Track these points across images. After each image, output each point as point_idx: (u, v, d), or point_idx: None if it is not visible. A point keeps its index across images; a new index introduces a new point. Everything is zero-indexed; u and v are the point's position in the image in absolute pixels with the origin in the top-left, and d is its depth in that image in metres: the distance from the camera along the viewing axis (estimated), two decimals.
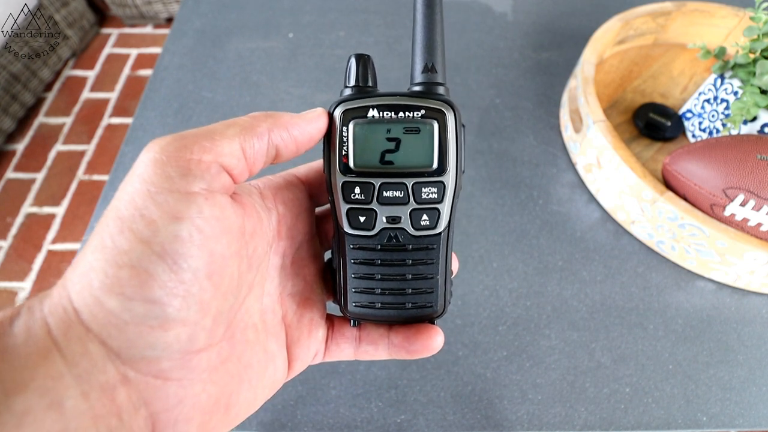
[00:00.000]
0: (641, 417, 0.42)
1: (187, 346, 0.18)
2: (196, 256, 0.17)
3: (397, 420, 0.42)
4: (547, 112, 0.62)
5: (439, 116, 0.22)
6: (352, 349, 0.25)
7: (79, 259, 0.17)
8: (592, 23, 0.64)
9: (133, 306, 0.16)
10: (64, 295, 0.17)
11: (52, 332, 0.16)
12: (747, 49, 0.49)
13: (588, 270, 0.50)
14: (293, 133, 0.21)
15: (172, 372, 0.17)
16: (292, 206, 0.24)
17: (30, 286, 1.27)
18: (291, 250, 0.25)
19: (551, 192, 0.55)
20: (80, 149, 1.52)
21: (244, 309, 0.21)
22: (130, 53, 1.76)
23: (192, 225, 0.17)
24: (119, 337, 0.16)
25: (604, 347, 0.45)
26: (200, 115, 0.62)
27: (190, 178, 0.18)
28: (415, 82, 0.23)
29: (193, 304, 0.17)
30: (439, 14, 0.23)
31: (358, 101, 0.22)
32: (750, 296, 0.49)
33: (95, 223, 0.52)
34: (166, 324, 0.17)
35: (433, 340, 0.24)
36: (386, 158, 0.23)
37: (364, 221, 0.23)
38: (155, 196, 0.17)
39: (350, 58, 0.23)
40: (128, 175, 0.18)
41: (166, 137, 0.18)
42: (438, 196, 0.23)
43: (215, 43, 0.70)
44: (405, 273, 0.23)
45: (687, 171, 0.47)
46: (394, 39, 0.71)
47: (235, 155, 0.19)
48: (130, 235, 0.17)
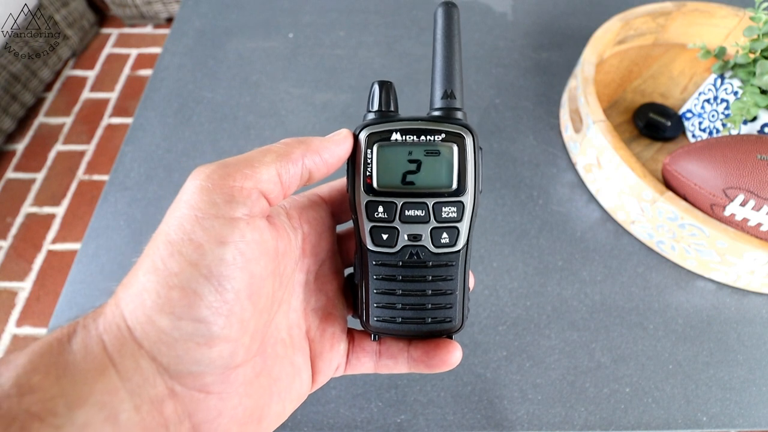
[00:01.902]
0: (641, 417, 0.42)
1: (228, 361, 0.19)
2: (239, 278, 0.19)
3: (397, 420, 0.42)
4: (547, 112, 0.62)
5: (458, 140, 0.24)
6: (373, 362, 0.26)
7: (132, 280, 0.18)
8: (592, 23, 0.64)
9: (182, 325, 0.17)
10: (118, 314, 0.18)
11: (108, 349, 0.17)
12: (747, 49, 0.49)
13: (588, 270, 0.50)
14: (324, 156, 0.23)
15: (214, 386, 0.19)
16: (316, 225, 0.26)
17: (30, 286, 1.27)
18: (314, 267, 0.26)
19: (551, 192, 0.55)
20: (80, 149, 1.52)
21: (274, 325, 0.23)
22: (130, 53, 1.76)
23: (236, 249, 0.19)
24: (168, 353, 0.17)
25: (604, 347, 0.45)
26: (200, 115, 0.62)
27: (233, 204, 0.19)
28: (435, 107, 0.25)
29: (235, 323, 0.19)
30: (458, 44, 0.25)
31: (382, 125, 0.24)
32: (750, 296, 0.49)
33: (95, 223, 0.52)
34: (211, 341, 0.18)
35: (452, 355, 0.25)
36: (408, 179, 0.24)
37: (387, 239, 0.24)
38: (202, 221, 0.18)
39: (373, 84, 0.25)
40: (176, 201, 0.19)
41: (210, 165, 0.20)
42: (457, 215, 0.24)
43: (215, 43, 0.70)
44: (425, 289, 0.24)
45: (687, 171, 0.47)
46: (394, 39, 0.71)
47: (272, 181, 0.21)
48: (180, 258, 0.18)
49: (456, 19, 0.25)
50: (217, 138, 0.60)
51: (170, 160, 0.57)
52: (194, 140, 0.59)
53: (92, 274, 0.49)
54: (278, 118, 0.62)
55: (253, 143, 0.59)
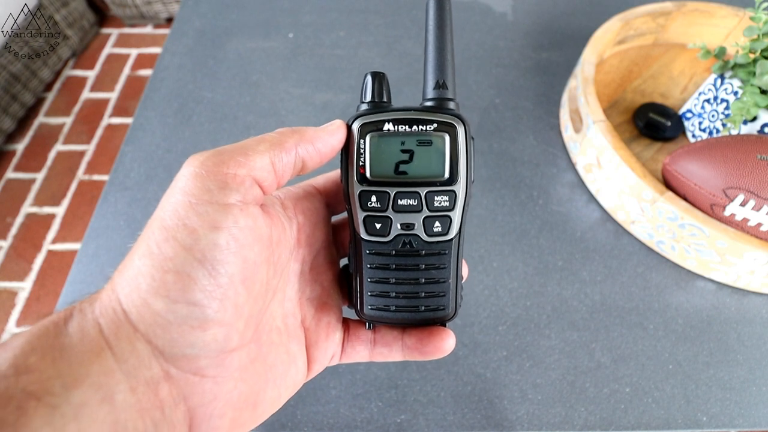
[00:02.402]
0: (641, 417, 0.42)
1: (222, 345, 0.19)
2: (232, 263, 0.19)
3: (397, 420, 0.42)
4: (547, 112, 0.62)
5: (450, 129, 0.24)
6: (367, 351, 0.26)
7: (127, 264, 0.19)
8: (592, 23, 0.64)
9: (177, 307, 0.18)
10: (114, 298, 0.18)
11: (104, 332, 0.17)
12: (747, 49, 0.49)
13: (588, 270, 0.50)
14: (317, 146, 0.23)
15: (209, 369, 0.19)
16: (311, 215, 0.26)
17: (30, 286, 1.27)
18: (309, 257, 0.26)
19: (551, 192, 0.55)
20: (80, 149, 1.52)
21: (269, 312, 0.23)
22: (130, 53, 1.76)
23: (229, 234, 0.19)
24: (163, 336, 0.18)
25: (604, 347, 0.45)
26: (200, 115, 0.62)
27: (227, 191, 0.19)
28: (427, 98, 0.25)
29: (229, 307, 0.19)
30: (449, 34, 0.25)
31: (375, 115, 0.24)
32: (750, 296, 0.49)
33: (95, 223, 0.52)
34: (205, 324, 0.18)
35: (446, 342, 0.25)
36: (400, 168, 0.24)
37: (380, 228, 0.24)
38: (196, 207, 0.19)
39: (366, 75, 0.25)
40: (170, 187, 0.20)
41: (204, 153, 0.20)
42: (449, 204, 0.24)
43: (215, 43, 0.70)
44: (418, 277, 0.25)
45: (687, 171, 0.47)
46: (394, 39, 0.71)
47: (265, 169, 0.21)
48: (174, 243, 0.18)
49: (448, 10, 0.25)
50: (217, 138, 0.59)
51: (170, 160, 0.57)
52: (194, 140, 0.59)
53: (92, 274, 0.48)
54: (278, 118, 0.62)
55: None
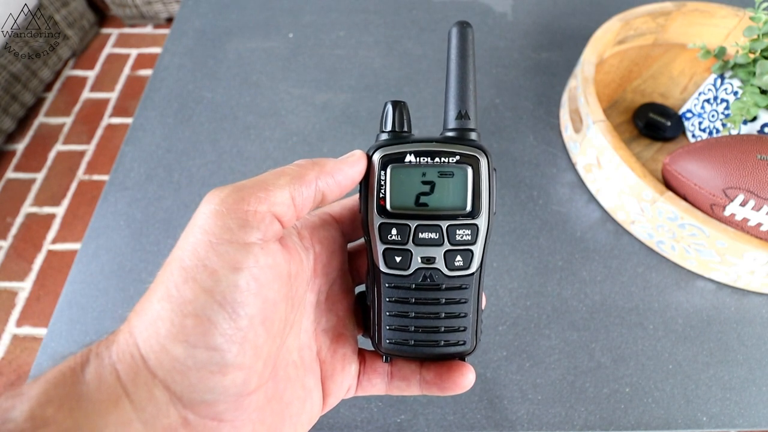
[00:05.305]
0: (641, 417, 0.42)
1: (241, 389, 0.19)
2: (252, 304, 0.19)
3: (397, 420, 0.42)
4: (547, 112, 0.62)
5: (473, 161, 0.23)
6: (384, 384, 0.26)
7: (145, 307, 0.18)
8: (592, 23, 0.64)
9: (197, 353, 0.17)
10: (131, 342, 0.18)
11: (122, 378, 0.17)
12: (747, 49, 0.49)
13: (588, 270, 0.50)
14: (338, 178, 0.22)
15: (227, 414, 0.18)
16: (328, 245, 0.25)
17: (30, 286, 1.27)
18: (325, 287, 0.26)
19: (551, 192, 0.55)
20: (80, 149, 1.52)
21: (285, 347, 0.22)
22: (130, 53, 1.76)
23: (249, 274, 0.19)
24: (182, 382, 0.17)
25: (604, 347, 0.45)
26: (200, 115, 0.62)
27: (247, 229, 0.19)
28: (448, 128, 0.24)
29: (248, 350, 0.18)
30: (472, 64, 0.25)
31: (396, 147, 0.23)
32: (750, 296, 0.49)
33: (95, 223, 0.52)
34: (224, 369, 0.18)
35: (465, 378, 0.24)
36: (421, 201, 0.23)
37: (400, 261, 0.24)
38: (216, 247, 0.18)
39: (386, 104, 0.25)
40: (189, 225, 0.19)
41: (224, 189, 0.20)
42: (471, 237, 0.24)
43: (215, 43, 0.70)
44: (438, 311, 0.24)
45: (687, 171, 0.47)
46: (394, 39, 0.71)
47: (286, 203, 0.21)
48: (194, 285, 0.18)
49: (470, 39, 0.25)
50: (217, 138, 0.60)
51: (170, 160, 0.57)
52: (194, 140, 0.59)
53: (92, 274, 0.48)
54: (278, 118, 0.62)
55: (253, 143, 0.59)
